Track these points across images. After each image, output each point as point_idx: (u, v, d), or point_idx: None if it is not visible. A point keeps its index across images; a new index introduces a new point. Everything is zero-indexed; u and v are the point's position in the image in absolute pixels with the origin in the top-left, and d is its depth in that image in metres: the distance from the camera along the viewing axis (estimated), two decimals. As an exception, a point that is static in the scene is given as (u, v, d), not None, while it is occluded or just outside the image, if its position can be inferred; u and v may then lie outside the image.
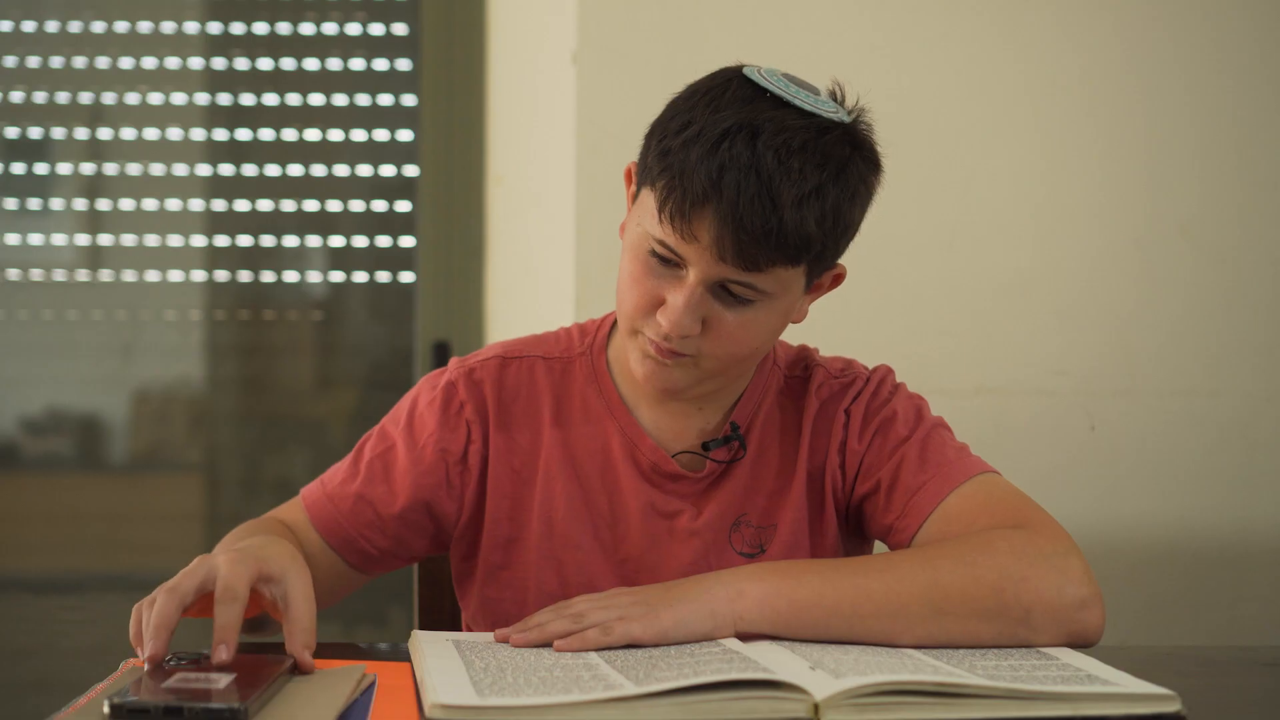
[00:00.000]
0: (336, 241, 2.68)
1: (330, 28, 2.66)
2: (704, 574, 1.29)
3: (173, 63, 2.65)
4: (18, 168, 2.66)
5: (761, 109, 1.30)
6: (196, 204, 2.67)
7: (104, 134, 2.65)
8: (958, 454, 1.44)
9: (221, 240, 2.67)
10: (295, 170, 2.67)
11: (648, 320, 1.36)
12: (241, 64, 2.66)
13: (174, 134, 2.66)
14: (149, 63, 2.65)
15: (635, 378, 1.41)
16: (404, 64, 2.66)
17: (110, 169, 2.66)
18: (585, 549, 1.45)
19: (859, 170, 1.34)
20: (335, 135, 2.66)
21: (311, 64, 2.66)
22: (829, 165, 1.30)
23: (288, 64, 2.66)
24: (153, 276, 2.66)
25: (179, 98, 2.65)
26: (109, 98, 2.65)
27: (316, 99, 2.66)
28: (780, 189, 1.28)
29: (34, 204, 2.67)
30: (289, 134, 2.66)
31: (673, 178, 1.30)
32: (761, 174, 1.27)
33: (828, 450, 1.47)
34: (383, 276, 2.68)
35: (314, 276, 2.71)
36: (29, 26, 2.65)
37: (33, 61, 2.64)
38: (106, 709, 0.99)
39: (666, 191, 1.30)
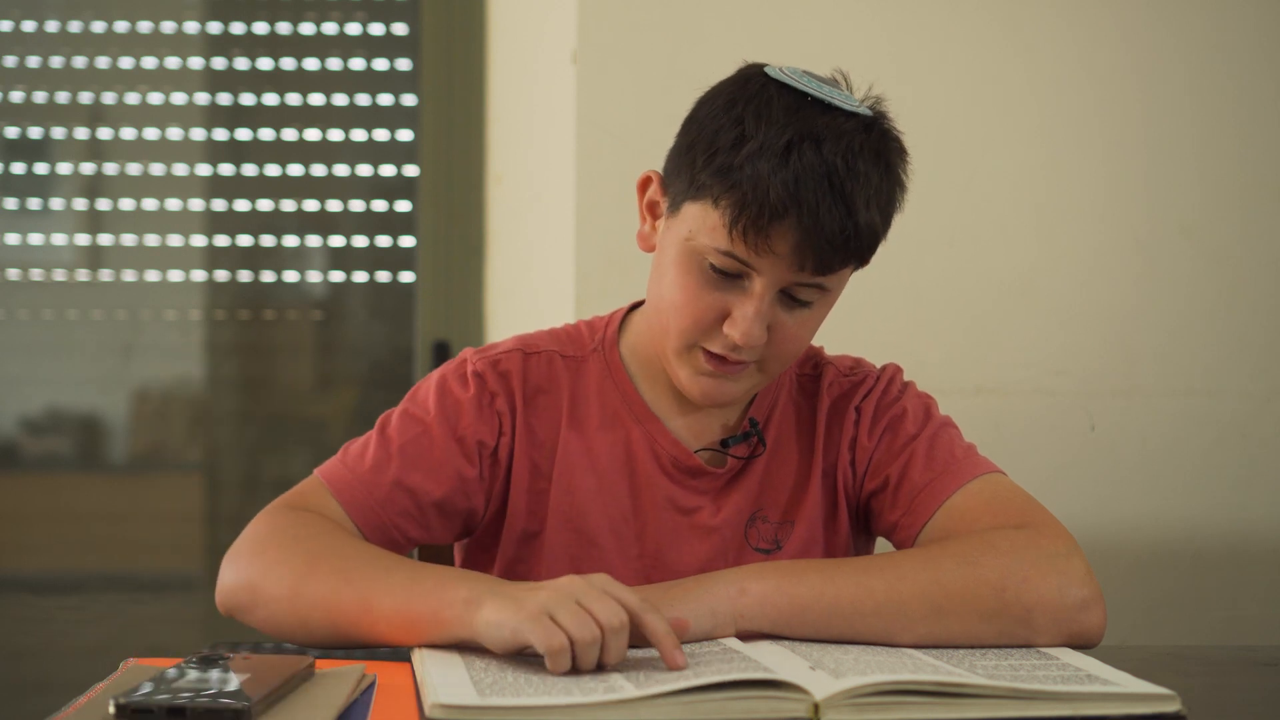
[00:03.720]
0: (336, 241, 2.69)
1: (330, 28, 2.66)
2: (706, 573, 1.30)
3: (173, 63, 2.65)
4: (18, 168, 2.66)
5: (812, 115, 1.32)
6: (196, 204, 2.67)
7: (104, 134, 2.66)
8: (965, 453, 1.44)
9: (221, 240, 2.67)
10: (295, 170, 2.67)
11: (710, 335, 1.36)
12: (241, 64, 2.66)
13: (174, 134, 2.66)
14: (149, 63, 2.65)
15: (690, 395, 1.41)
16: (404, 64, 2.66)
17: (110, 169, 2.66)
18: (603, 545, 1.45)
19: (899, 160, 1.38)
20: (335, 135, 2.66)
21: (311, 64, 2.66)
22: (881, 162, 1.34)
23: (288, 64, 2.66)
24: (153, 276, 2.66)
25: (179, 98, 2.65)
26: (109, 98, 2.65)
27: (316, 99, 2.66)
28: (853, 194, 1.30)
29: (34, 204, 2.67)
30: (289, 134, 2.66)
31: (744, 193, 1.29)
32: (834, 181, 1.29)
33: (839, 447, 1.47)
34: (383, 276, 2.68)
35: (314, 276, 2.71)
36: (29, 26, 2.65)
37: (33, 61, 2.64)
38: (112, 709, 0.99)
39: (739, 208, 1.30)
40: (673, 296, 1.37)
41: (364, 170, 2.68)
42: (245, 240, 2.67)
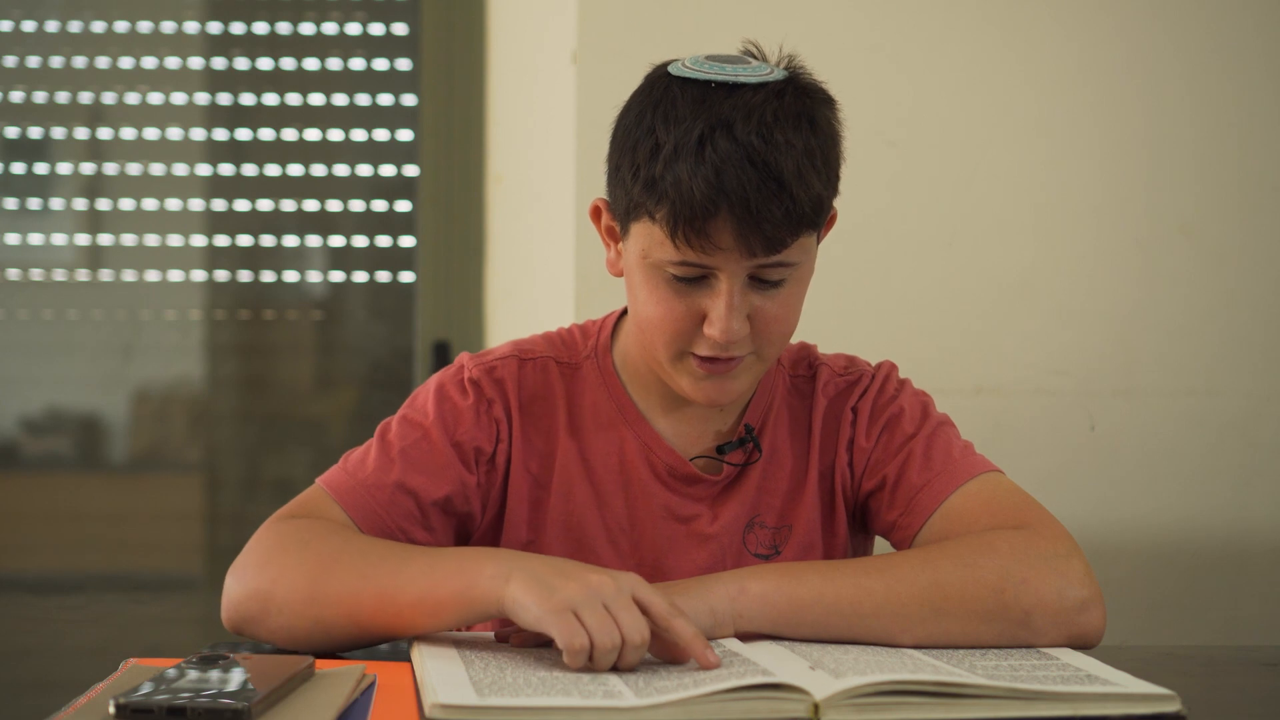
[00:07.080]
0: (336, 241, 2.69)
1: (330, 28, 2.66)
2: (707, 574, 1.29)
3: (173, 63, 2.65)
4: (18, 168, 2.66)
5: (717, 101, 1.30)
6: (196, 204, 2.67)
7: (104, 134, 2.66)
8: (962, 453, 1.44)
9: (221, 240, 2.67)
10: (295, 170, 2.67)
11: (694, 340, 1.35)
12: (241, 64, 2.66)
13: (174, 134, 2.66)
14: (149, 63, 2.65)
15: (696, 401, 1.40)
16: (404, 64, 2.66)
17: (110, 169, 2.66)
18: (601, 554, 1.44)
19: (825, 114, 1.35)
20: (335, 135, 2.66)
21: (311, 64, 2.66)
22: (803, 123, 1.31)
23: (288, 64, 2.66)
24: (153, 276, 2.66)
25: (179, 98, 2.65)
26: (109, 98, 2.65)
27: (316, 99, 2.66)
28: (779, 166, 1.27)
29: (34, 204, 2.67)
30: (289, 134, 2.66)
31: (672, 201, 1.29)
32: (756, 161, 1.27)
33: (836, 448, 1.47)
34: (383, 276, 2.68)
35: (314, 276, 2.71)
36: (29, 26, 2.65)
37: (33, 61, 2.64)
38: (112, 709, 0.99)
39: (673, 217, 1.29)
40: (648, 313, 1.36)
41: (364, 170, 2.68)
42: (245, 240, 2.67)
